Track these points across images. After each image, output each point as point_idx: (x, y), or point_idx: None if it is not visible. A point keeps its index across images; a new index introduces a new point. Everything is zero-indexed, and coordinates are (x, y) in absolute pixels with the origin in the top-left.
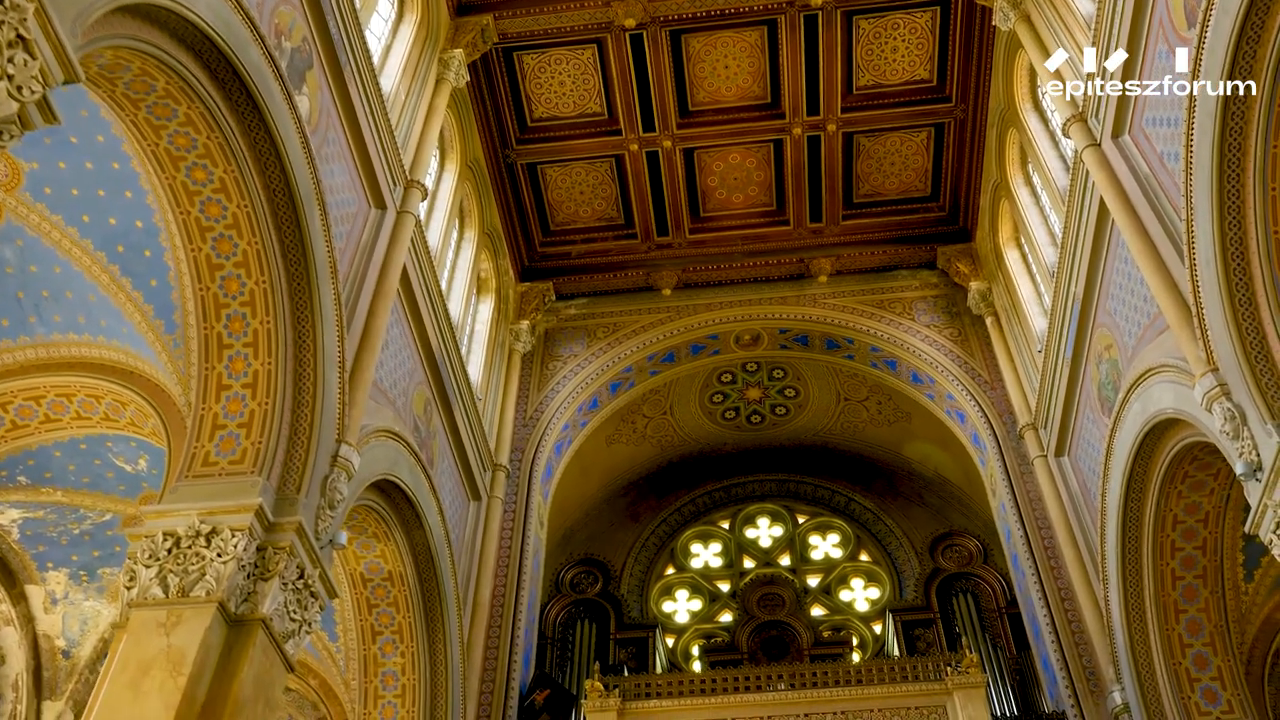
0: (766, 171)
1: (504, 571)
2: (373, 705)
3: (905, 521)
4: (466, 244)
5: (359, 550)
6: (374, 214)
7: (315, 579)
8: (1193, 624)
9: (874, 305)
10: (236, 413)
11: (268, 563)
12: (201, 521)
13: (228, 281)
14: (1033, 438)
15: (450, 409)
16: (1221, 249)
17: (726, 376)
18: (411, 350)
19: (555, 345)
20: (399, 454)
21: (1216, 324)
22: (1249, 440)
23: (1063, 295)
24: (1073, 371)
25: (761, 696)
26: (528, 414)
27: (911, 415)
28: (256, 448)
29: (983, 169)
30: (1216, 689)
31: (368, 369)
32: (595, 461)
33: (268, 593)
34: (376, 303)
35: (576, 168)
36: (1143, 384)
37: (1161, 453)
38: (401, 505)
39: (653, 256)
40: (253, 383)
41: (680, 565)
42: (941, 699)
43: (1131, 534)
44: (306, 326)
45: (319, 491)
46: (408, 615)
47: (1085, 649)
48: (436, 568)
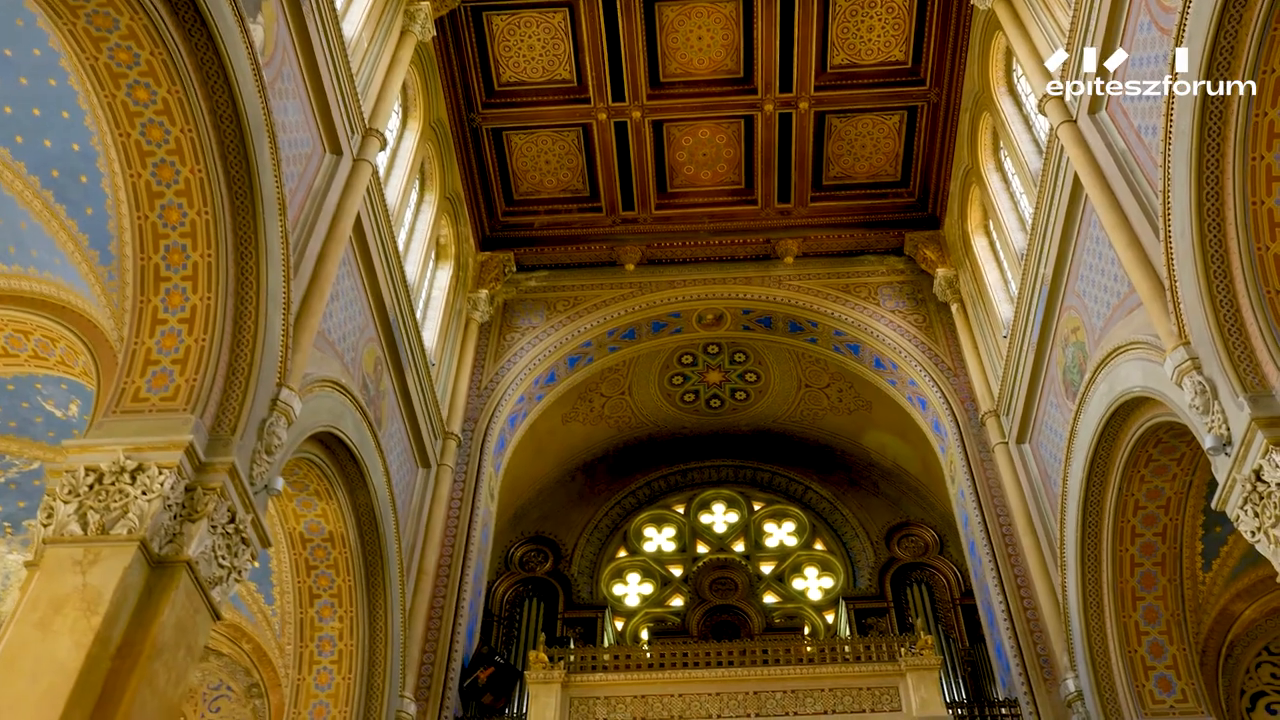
0: (736, 149)
1: (451, 541)
2: (307, 670)
3: (861, 512)
4: (426, 206)
5: (299, 508)
6: (329, 159)
7: (247, 524)
8: (1150, 611)
9: (839, 289)
10: (171, 348)
11: (196, 504)
12: (127, 457)
13: (168, 211)
14: (994, 425)
15: (402, 371)
16: (1198, 219)
17: (687, 358)
18: (363, 305)
19: (514, 316)
20: (345, 408)
21: (1190, 297)
22: (1219, 414)
23: (1030, 279)
24: (1038, 356)
25: (710, 673)
26: (482, 384)
27: (872, 404)
28: (191, 385)
29: (954, 155)
30: (1171, 678)
31: (314, 314)
32: (550, 440)
33: (195, 535)
34: (327, 248)
35: (543, 135)
36: (1110, 363)
37: (1126, 435)
38: (345, 462)
39: (617, 231)
40: (190, 318)
41: (633, 548)
42: (894, 680)
43: (1092, 518)
44: (250, 263)
45: (256, 435)
46: (348, 579)
47: (1040, 637)
48: (380, 531)
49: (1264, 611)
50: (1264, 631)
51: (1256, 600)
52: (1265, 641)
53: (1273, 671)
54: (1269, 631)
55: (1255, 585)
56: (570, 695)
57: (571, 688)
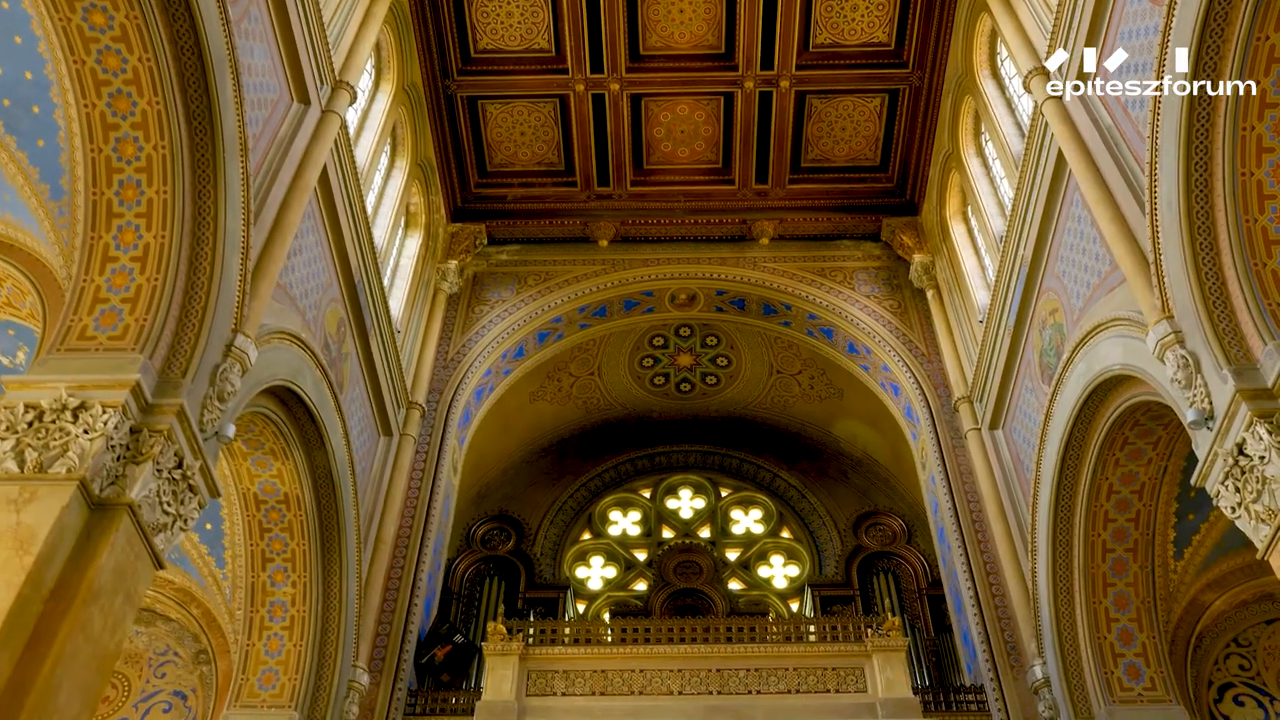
0: (714, 127)
1: (411, 512)
2: (258, 636)
3: (829, 501)
4: (397, 172)
5: (253, 468)
6: (296, 108)
7: (195, 471)
8: (1120, 598)
9: (815, 273)
10: (122, 287)
11: (141, 446)
12: (70, 395)
13: (123, 144)
14: (967, 410)
15: (366, 335)
16: (1186, 191)
17: (658, 340)
18: (327, 263)
19: (483, 289)
20: (304, 364)
21: (1175, 270)
22: (1201, 388)
23: (1009, 261)
24: (1014, 340)
25: (672, 649)
26: (449, 355)
27: (844, 391)
28: (140, 324)
29: (934, 140)
30: (1140, 665)
31: (274, 262)
32: (517, 418)
33: (138, 477)
34: (291, 197)
35: (519, 106)
36: (1089, 342)
37: (1102, 416)
38: (303, 421)
39: (591, 206)
40: (142, 256)
41: (598, 531)
42: (860, 661)
43: (1065, 503)
44: (208, 203)
45: (208, 380)
46: (302, 543)
47: (1008, 623)
48: (337, 495)
49: (1233, 603)
50: (1233, 623)
51: (1226, 591)
52: (1234, 633)
53: (1241, 663)
54: (1238, 623)
55: (1226, 576)
56: (528, 668)
57: (530, 660)
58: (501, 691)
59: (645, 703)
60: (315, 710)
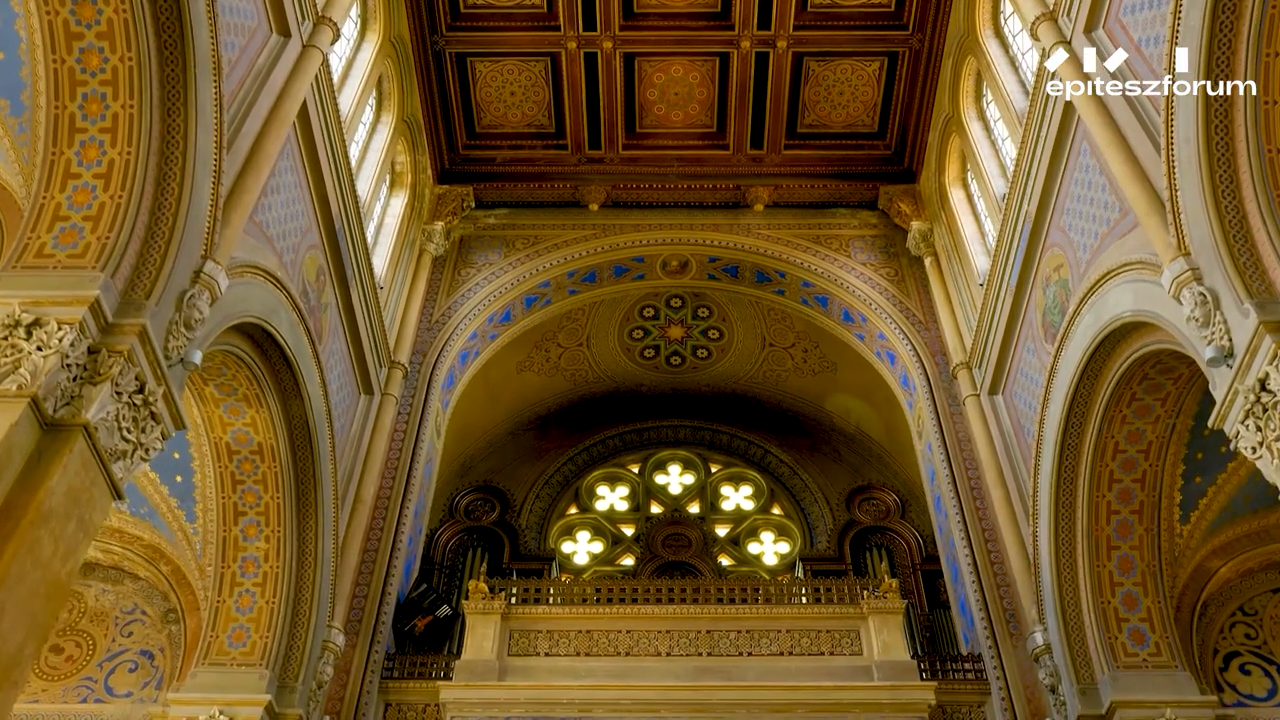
0: (709, 89)
1: (392, 473)
2: (228, 593)
3: (821, 477)
4: (382, 127)
5: (226, 415)
6: (275, 40)
7: (158, 398)
8: (1125, 561)
9: (810, 240)
10: (84, 204)
11: (99, 366)
12: (24, 311)
13: (87, 55)
14: (966, 377)
15: (347, 286)
16: (1205, 122)
17: (649, 310)
18: (307, 207)
19: (470, 253)
20: (279, 304)
21: (1193, 205)
22: (1220, 325)
23: (1011, 220)
24: (1016, 300)
25: (660, 609)
26: (434, 317)
27: (838, 365)
28: (103, 243)
29: (934, 104)
30: (1145, 630)
31: (249, 193)
32: (504, 389)
33: (95, 398)
34: (268, 129)
35: (509, 64)
36: (1097, 292)
37: (1110, 370)
38: (279, 366)
39: (582, 170)
40: (106, 173)
41: (584, 506)
42: (856, 623)
43: (1068, 463)
44: (177, 120)
45: (174, 306)
46: (276, 495)
47: (1007, 590)
48: (314, 447)
49: (1239, 571)
50: (1238, 591)
51: (1233, 558)
52: (1240, 602)
53: (1247, 632)
54: (1244, 591)
55: (1232, 543)
56: (510, 628)
57: (512, 620)
58: (482, 651)
59: (632, 664)
60: (288, 670)
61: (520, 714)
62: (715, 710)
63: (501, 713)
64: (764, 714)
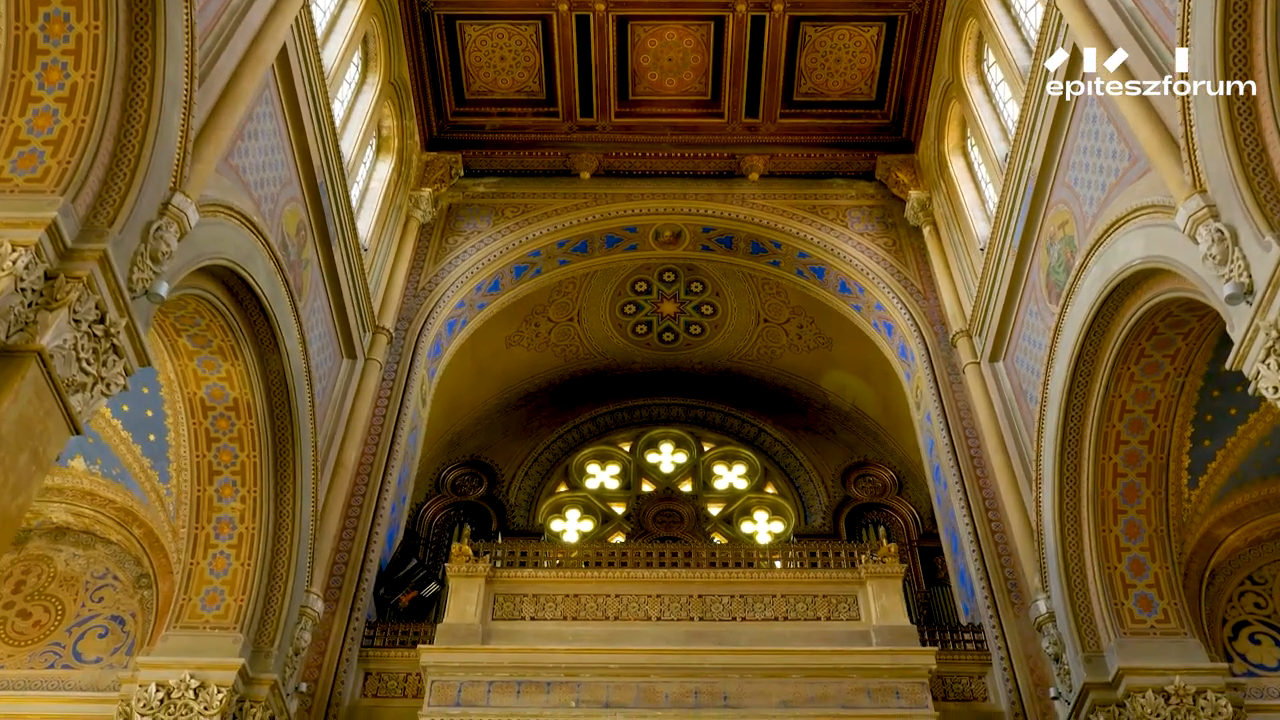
0: (704, 56)
1: (375, 439)
2: (202, 554)
3: (816, 456)
4: (368, 88)
5: (200, 369)
6: None
7: (120, 330)
8: (1131, 526)
9: (806, 210)
10: (44, 128)
11: (56, 292)
12: None
13: None
14: (965, 345)
15: (329, 244)
16: (1223, 52)
17: (641, 285)
18: (287, 157)
19: (458, 221)
20: (256, 251)
21: (1209, 140)
22: (1239, 261)
23: (1014, 181)
24: (1018, 261)
25: (651, 573)
26: (420, 284)
27: (833, 341)
28: (63, 168)
29: (933, 70)
30: (1152, 597)
31: (223, 130)
32: (492, 363)
33: (50, 324)
34: (244, 68)
35: (499, 28)
36: (1105, 242)
37: (1118, 324)
38: (255, 317)
39: (574, 138)
40: (69, 97)
41: (574, 484)
42: (853, 588)
43: (1074, 425)
44: (146, 45)
45: (139, 236)
46: (253, 454)
47: (1008, 559)
48: (292, 404)
49: (1248, 540)
50: (1247, 560)
51: (1241, 526)
52: (1249, 570)
53: (1256, 601)
54: (1253, 560)
55: (1240, 510)
56: (495, 591)
57: (497, 583)
58: (465, 615)
59: (621, 628)
60: (263, 635)
61: (504, 677)
62: (707, 675)
63: (484, 676)
64: (757, 679)
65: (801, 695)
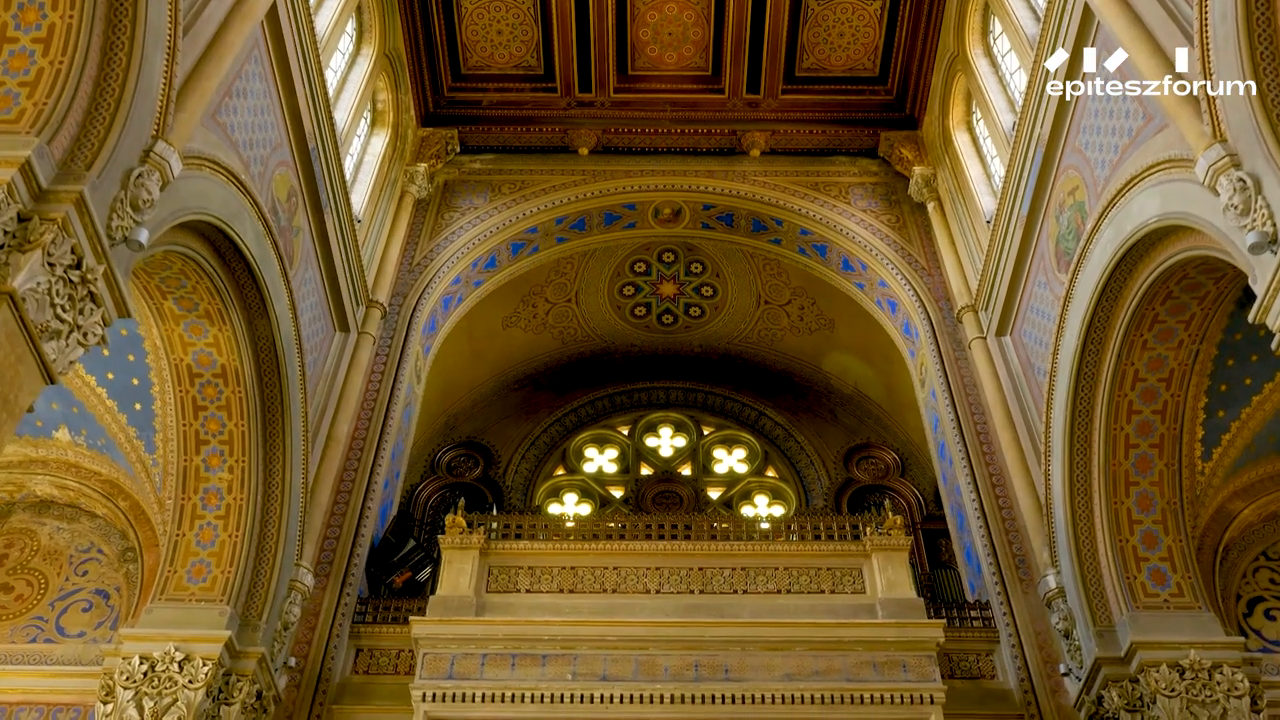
0: (704, 30)
1: (368, 414)
2: (189, 526)
3: (817, 439)
4: (362, 59)
5: (187, 333)
6: None
7: (99, 277)
8: (1144, 498)
9: (808, 187)
10: (20, 70)
11: (30, 234)
12: None
13: None
14: (971, 320)
15: (321, 212)
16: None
17: (640, 266)
18: (277, 119)
19: (454, 197)
20: (243, 209)
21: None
22: (1263, 209)
23: (1022, 149)
24: (1026, 233)
25: (650, 545)
26: (415, 259)
27: (835, 322)
28: (39, 109)
29: (938, 44)
30: (1165, 570)
31: (209, 80)
32: (489, 345)
33: (23, 265)
34: (231, 20)
35: (496, 1)
36: (1118, 204)
37: (1131, 289)
38: (244, 280)
39: (572, 114)
40: (46, 37)
41: (572, 468)
42: (858, 560)
43: (1084, 395)
44: None
45: (119, 181)
46: (241, 423)
47: (1016, 535)
48: (281, 372)
49: (1262, 515)
50: (1261, 536)
51: (1255, 501)
52: (1263, 546)
53: (1271, 577)
54: (1267, 536)
55: (1255, 485)
56: (489, 563)
57: (491, 555)
58: (459, 587)
59: (619, 600)
60: (251, 608)
61: (498, 650)
62: (707, 647)
63: (478, 649)
64: (759, 652)
65: (805, 668)
